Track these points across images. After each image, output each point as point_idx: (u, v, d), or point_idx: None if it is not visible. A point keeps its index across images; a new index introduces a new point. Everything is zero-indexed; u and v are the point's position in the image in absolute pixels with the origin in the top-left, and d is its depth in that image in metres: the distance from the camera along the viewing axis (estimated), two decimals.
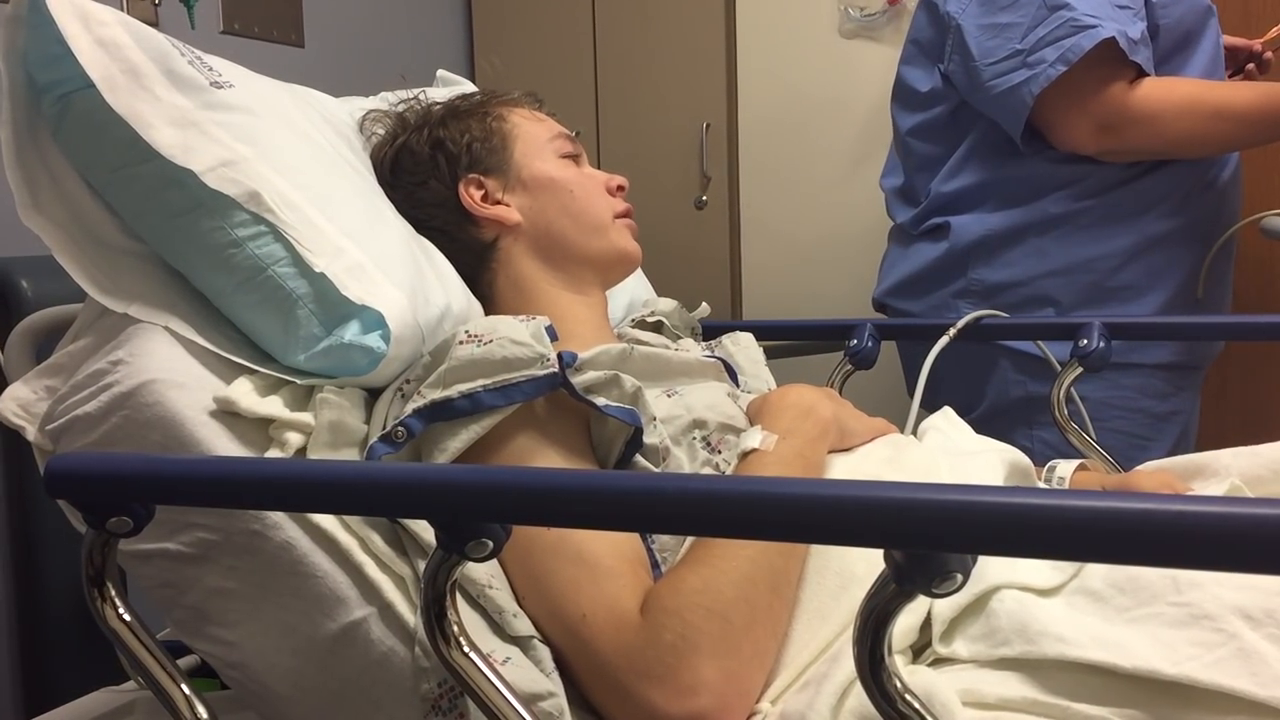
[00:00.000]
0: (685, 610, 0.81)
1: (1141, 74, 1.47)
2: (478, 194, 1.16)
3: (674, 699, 0.79)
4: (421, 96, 1.28)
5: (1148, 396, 1.55)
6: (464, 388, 0.91)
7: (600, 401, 0.93)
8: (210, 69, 1.03)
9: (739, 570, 0.83)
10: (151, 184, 0.97)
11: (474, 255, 1.15)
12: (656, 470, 0.95)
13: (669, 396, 1.03)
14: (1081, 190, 1.55)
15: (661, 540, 0.92)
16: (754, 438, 0.95)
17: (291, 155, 1.03)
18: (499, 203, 1.16)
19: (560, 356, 0.92)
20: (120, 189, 0.99)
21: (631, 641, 0.82)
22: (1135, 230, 1.54)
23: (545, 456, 0.93)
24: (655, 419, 0.97)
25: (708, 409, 1.02)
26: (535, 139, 1.19)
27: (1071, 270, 1.56)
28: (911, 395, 1.44)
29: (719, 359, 1.21)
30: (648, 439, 0.95)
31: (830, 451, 1.00)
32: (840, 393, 1.44)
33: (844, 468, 1.00)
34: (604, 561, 0.87)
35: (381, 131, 1.25)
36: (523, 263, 1.16)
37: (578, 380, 0.93)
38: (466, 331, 0.94)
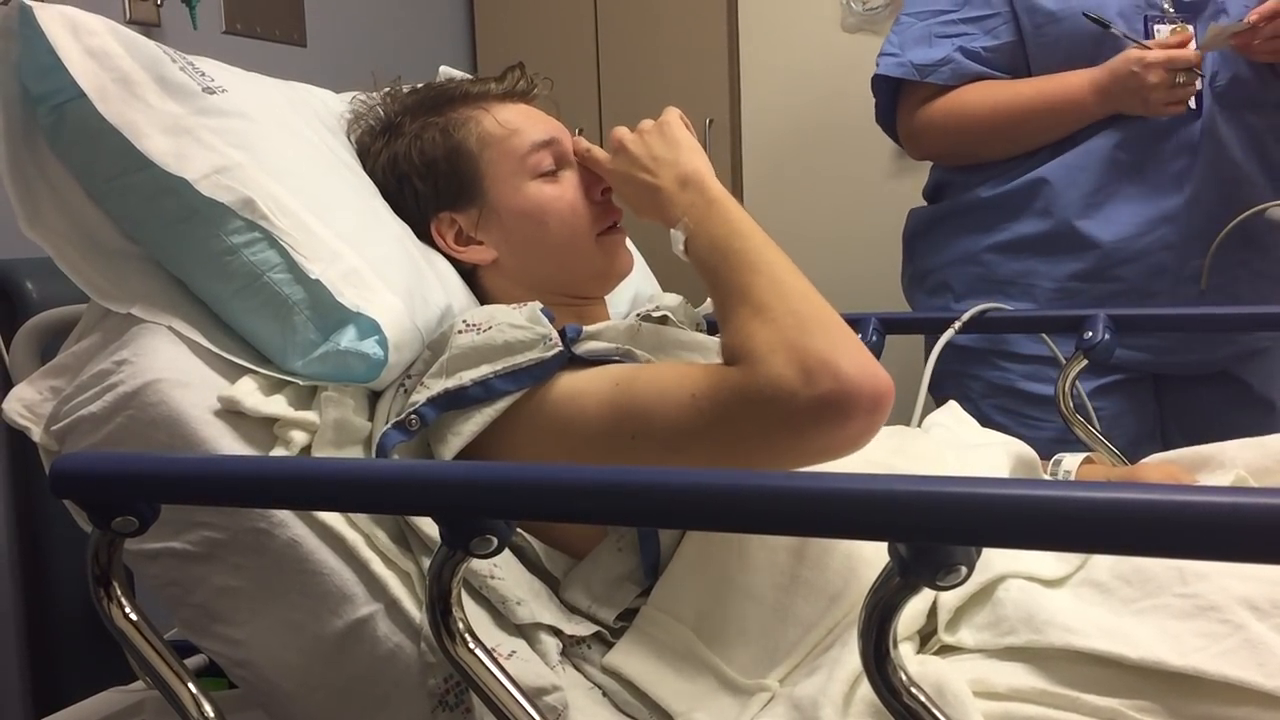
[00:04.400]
0: (766, 334, 0.83)
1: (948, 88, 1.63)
2: (450, 234, 1.12)
3: (819, 381, 0.79)
4: (398, 89, 1.21)
5: (1034, 381, 1.60)
6: (475, 375, 0.91)
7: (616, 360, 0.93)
8: (203, 74, 1.03)
9: (781, 297, 0.86)
10: (147, 192, 0.97)
11: (463, 275, 1.14)
12: None
13: None
14: (966, 194, 1.68)
15: None
16: (676, 242, 0.97)
17: (286, 159, 1.03)
18: (473, 240, 1.12)
19: (563, 332, 0.92)
20: (117, 198, 0.99)
21: (744, 378, 0.83)
22: (1009, 230, 1.63)
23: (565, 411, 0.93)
24: None
25: None
26: (506, 163, 1.11)
27: (962, 261, 1.68)
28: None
29: None
30: None
31: None
32: None
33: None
34: (670, 367, 0.90)
35: (364, 126, 1.22)
36: (509, 290, 1.13)
37: (585, 349, 0.93)
38: (465, 321, 0.95)
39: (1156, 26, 1.54)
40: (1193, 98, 1.51)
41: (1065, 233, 1.58)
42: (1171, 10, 1.54)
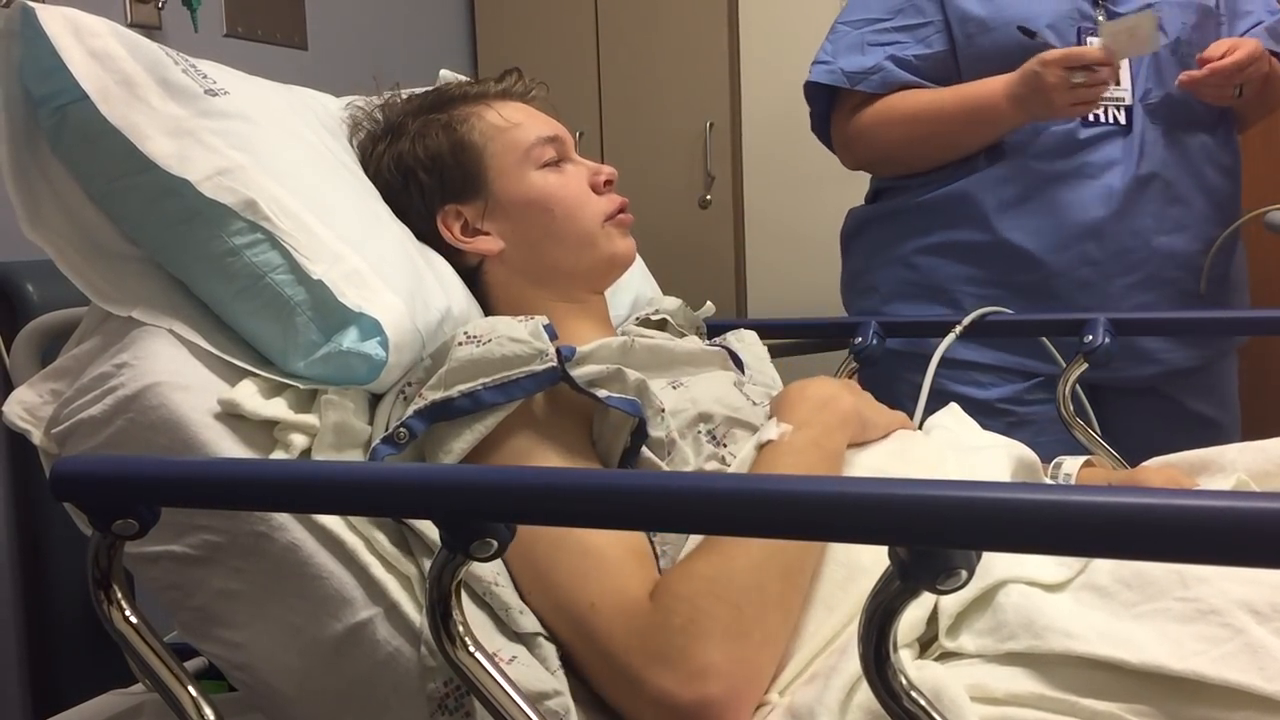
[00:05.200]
0: (696, 596, 0.81)
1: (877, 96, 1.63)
2: (456, 225, 1.13)
3: (684, 684, 0.78)
4: (398, 96, 1.23)
5: (963, 384, 1.60)
6: (464, 387, 0.91)
7: (602, 393, 0.93)
8: (205, 76, 1.03)
9: (751, 557, 0.83)
10: (149, 194, 0.97)
11: (465, 274, 1.14)
12: (662, 463, 0.96)
13: (674, 388, 1.03)
14: (899, 197, 1.68)
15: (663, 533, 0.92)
16: (770, 430, 0.95)
17: (288, 161, 1.03)
18: (479, 232, 1.13)
19: (559, 351, 0.92)
20: (119, 199, 0.99)
21: (641, 626, 0.82)
22: (937, 235, 1.62)
23: (543, 456, 0.93)
24: (663, 410, 0.97)
25: (714, 401, 1.02)
26: (510, 155, 1.13)
27: (890, 263, 1.67)
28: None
29: (724, 348, 1.21)
30: (655, 431, 0.95)
31: (849, 446, 0.99)
32: None
33: (851, 459, 1.00)
34: (609, 552, 0.87)
35: (365, 131, 1.22)
36: (512, 284, 1.14)
37: (578, 373, 0.93)
38: (465, 333, 0.95)
39: (1089, 38, 1.53)
40: (1124, 113, 1.52)
41: (992, 242, 1.58)
42: (1105, 20, 1.53)
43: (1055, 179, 1.54)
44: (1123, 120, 1.52)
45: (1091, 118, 1.52)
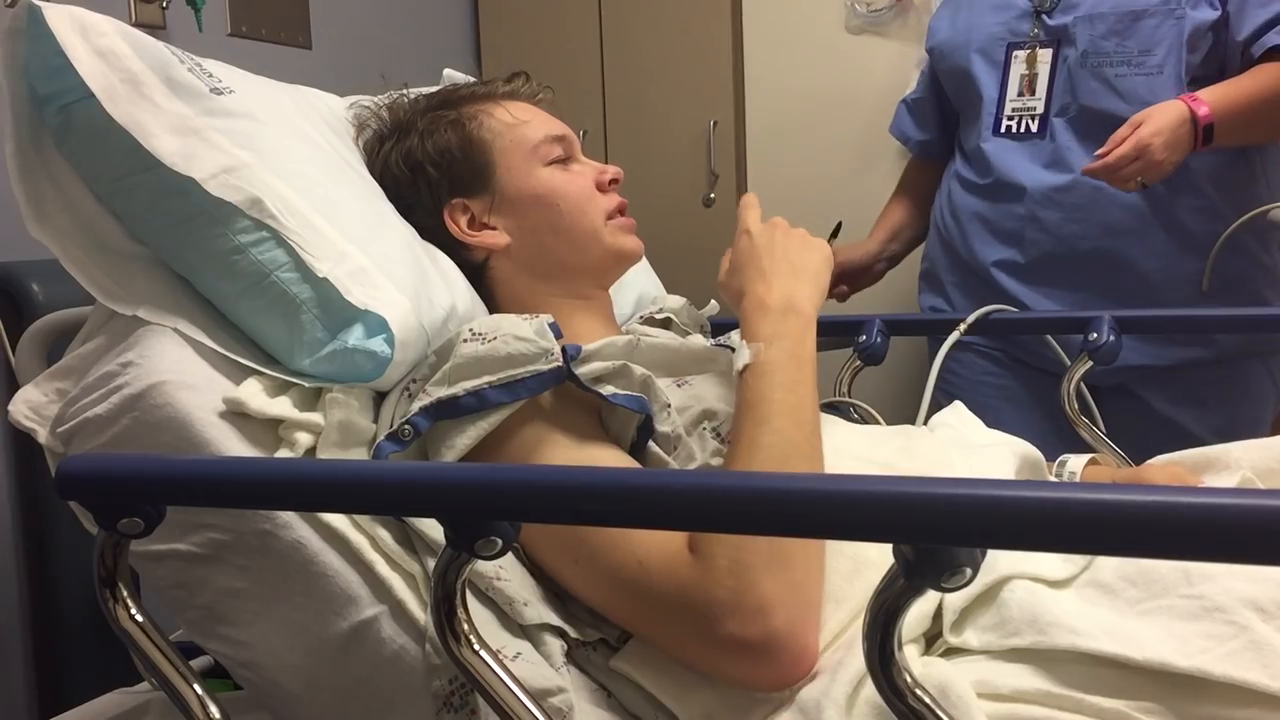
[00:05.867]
0: (728, 536, 0.81)
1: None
2: (463, 219, 1.14)
3: (748, 623, 0.79)
4: (405, 96, 1.24)
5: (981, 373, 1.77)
6: (470, 385, 0.91)
7: (607, 390, 0.93)
8: (210, 75, 1.03)
9: None
10: (154, 192, 0.97)
11: (471, 271, 1.14)
12: (669, 458, 0.96)
13: (679, 387, 1.04)
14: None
15: None
16: (744, 354, 0.95)
17: (293, 160, 1.03)
18: (486, 226, 1.14)
19: (564, 350, 0.92)
20: (124, 198, 1.00)
21: (690, 576, 0.82)
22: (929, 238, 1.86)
23: (553, 447, 0.93)
24: (669, 405, 0.97)
25: (719, 399, 1.02)
26: (518, 151, 1.14)
27: (922, 257, 1.90)
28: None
29: (728, 347, 1.21)
30: (661, 426, 0.95)
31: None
32: (849, 390, 1.44)
33: (857, 455, 1.00)
34: None
35: (371, 130, 1.23)
36: (517, 280, 1.14)
37: (583, 370, 0.93)
38: (471, 330, 0.95)
39: (1015, 52, 1.64)
40: (1036, 121, 1.62)
41: (949, 250, 1.77)
42: (1037, 34, 1.61)
43: (978, 191, 1.69)
44: (1034, 129, 1.61)
45: (1003, 129, 1.65)
